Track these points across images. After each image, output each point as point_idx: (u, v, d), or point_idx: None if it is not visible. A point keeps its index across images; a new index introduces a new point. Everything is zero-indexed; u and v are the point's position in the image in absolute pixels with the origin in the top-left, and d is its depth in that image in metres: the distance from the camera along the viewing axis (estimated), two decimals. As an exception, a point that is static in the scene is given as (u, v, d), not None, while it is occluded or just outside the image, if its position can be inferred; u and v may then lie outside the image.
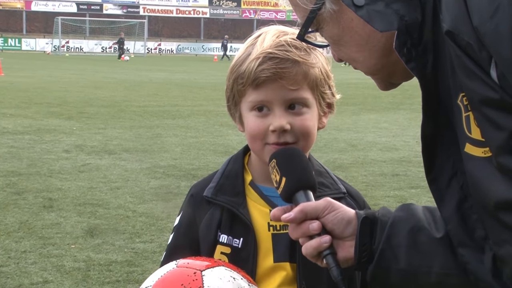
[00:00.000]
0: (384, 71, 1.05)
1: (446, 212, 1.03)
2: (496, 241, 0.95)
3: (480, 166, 0.94)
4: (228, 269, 1.16)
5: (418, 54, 0.99)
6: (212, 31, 64.11)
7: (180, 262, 1.17)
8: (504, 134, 0.88)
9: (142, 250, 4.53)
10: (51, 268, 4.15)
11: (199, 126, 10.59)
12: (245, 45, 1.34)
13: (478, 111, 0.91)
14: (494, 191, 0.91)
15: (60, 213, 5.38)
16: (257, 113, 1.30)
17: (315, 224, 1.10)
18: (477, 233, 1.00)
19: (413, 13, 0.98)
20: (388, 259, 1.09)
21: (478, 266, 1.01)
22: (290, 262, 1.31)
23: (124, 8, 59.93)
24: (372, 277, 1.11)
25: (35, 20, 59.11)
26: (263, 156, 1.31)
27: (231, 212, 1.33)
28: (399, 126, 10.81)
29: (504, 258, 0.94)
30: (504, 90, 0.87)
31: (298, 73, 1.28)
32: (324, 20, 1.03)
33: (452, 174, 1.02)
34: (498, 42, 0.84)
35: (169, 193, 6.11)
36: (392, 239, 1.09)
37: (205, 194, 1.35)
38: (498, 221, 0.92)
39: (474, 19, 0.87)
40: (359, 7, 0.97)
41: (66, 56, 45.80)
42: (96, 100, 14.39)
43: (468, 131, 0.95)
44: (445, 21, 0.91)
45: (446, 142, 1.02)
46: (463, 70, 0.91)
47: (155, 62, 37.50)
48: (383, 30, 0.97)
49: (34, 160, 7.48)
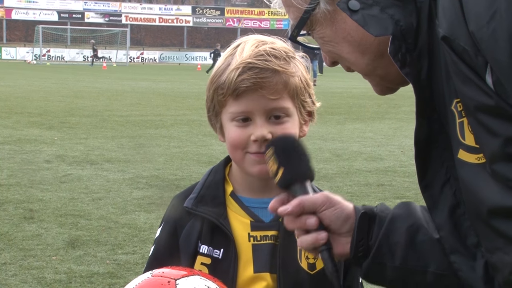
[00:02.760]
0: (377, 72, 1.04)
1: (438, 219, 1.03)
2: (488, 248, 0.95)
3: (473, 172, 0.93)
4: (203, 278, 1.17)
5: (413, 60, 0.99)
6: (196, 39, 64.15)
7: (155, 271, 1.18)
8: (498, 140, 0.87)
9: (124, 261, 4.48)
10: (31, 280, 4.09)
11: (183, 136, 10.55)
12: (224, 55, 1.35)
13: (473, 117, 0.91)
14: (487, 198, 0.91)
15: (41, 224, 5.31)
16: (238, 123, 1.30)
17: (312, 220, 1.09)
18: (469, 240, 1.00)
19: (408, 18, 0.98)
20: (384, 256, 1.08)
21: (470, 273, 1.00)
22: (270, 272, 1.31)
23: (106, 17, 59.73)
24: (367, 273, 1.11)
25: (15, 28, 58.63)
26: (243, 165, 1.32)
27: (211, 223, 1.33)
28: (384, 135, 10.87)
29: (496, 265, 0.94)
30: (499, 96, 0.86)
31: (278, 83, 1.28)
32: (317, 20, 1.03)
33: (445, 180, 1.02)
34: (494, 47, 0.84)
35: (152, 204, 6.07)
36: (389, 236, 1.09)
37: (186, 205, 1.36)
38: (490, 228, 0.92)
39: (471, 24, 0.87)
40: (354, 11, 0.97)
41: (47, 65, 45.45)
42: (77, 110, 14.28)
43: (462, 137, 0.95)
44: (441, 26, 0.91)
45: (439, 148, 1.01)
46: (458, 76, 0.91)
47: (137, 71, 37.36)
48: (378, 34, 0.97)
49: (14, 171, 7.39)
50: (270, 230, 1.33)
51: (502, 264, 0.92)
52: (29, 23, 56.74)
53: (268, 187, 1.35)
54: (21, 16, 57.47)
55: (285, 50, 1.32)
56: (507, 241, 0.90)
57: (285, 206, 1.10)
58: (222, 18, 62.75)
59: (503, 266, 0.92)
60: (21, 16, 57.47)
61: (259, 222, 1.34)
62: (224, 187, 1.36)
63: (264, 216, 1.34)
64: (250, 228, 1.32)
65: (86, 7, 59.16)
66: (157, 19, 61.60)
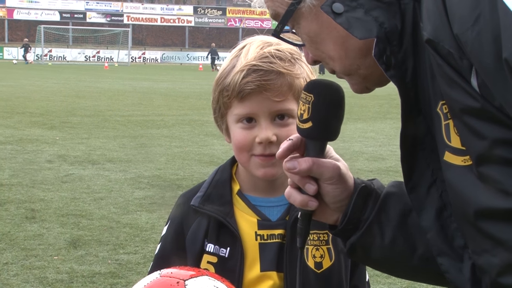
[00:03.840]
0: (360, 72, 1.03)
1: (425, 221, 1.02)
2: (475, 250, 0.95)
3: (459, 174, 0.93)
4: (211, 278, 1.17)
5: (397, 62, 0.98)
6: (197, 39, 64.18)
7: (163, 271, 1.18)
8: (485, 143, 0.87)
9: (126, 261, 4.48)
10: (33, 280, 4.09)
11: (184, 136, 10.56)
12: (229, 57, 1.35)
13: (459, 119, 0.91)
14: (473, 200, 0.91)
15: (43, 224, 5.31)
16: (243, 125, 1.30)
17: (312, 187, 1.04)
18: (456, 242, 1.00)
19: (392, 20, 0.97)
20: (374, 234, 1.07)
21: (457, 275, 1.00)
22: (277, 271, 1.31)
23: (107, 17, 59.77)
24: (352, 247, 1.09)
25: (17, 28, 58.70)
26: (249, 168, 1.32)
27: (218, 221, 1.33)
28: (385, 135, 10.87)
29: (483, 267, 0.94)
30: (485, 99, 0.86)
31: (283, 85, 1.28)
32: (302, 15, 1.02)
33: (431, 182, 1.01)
34: (479, 50, 0.84)
35: (153, 204, 6.07)
36: (381, 214, 1.07)
37: (192, 203, 1.36)
38: (477, 230, 0.92)
39: (455, 27, 0.86)
40: (338, 14, 0.97)
41: (49, 65, 45.50)
42: (79, 110, 14.29)
43: (448, 140, 0.94)
44: (426, 29, 0.91)
45: (426, 150, 1.01)
46: (444, 79, 0.91)
47: (139, 71, 37.40)
48: (362, 37, 0.97)
49: (16, 171, 7.39)
50: (277, 229, 1.33)
51: (489, 266, 0.92)
52: (31, 23, 56.80)
53: (274, 187, 1.35)
54: (22, 16, 57.53)
55: (290, 52, 1.31)
56: (494, 243, 0.90)
57: (293, 163, 1.04)
58: (224, 18, 62.77)
59: (490, 268, 0.92)
60: (22, 16, 57.53)
61: (266, 220, 1.34)
62: (231, 186, 1.37)
63: (271, 215, 1.34)
64: (257, 226, 1.32)
65: (88, 7, 59.20)
66: (159, 19, 61.64)
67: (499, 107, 0.85)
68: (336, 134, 1.05)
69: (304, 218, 1.07)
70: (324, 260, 1.32)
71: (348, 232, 1.09)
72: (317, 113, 1.02)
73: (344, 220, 1.08)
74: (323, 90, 1.03)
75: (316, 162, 1.04)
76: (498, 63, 0.82)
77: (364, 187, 1.09)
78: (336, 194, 1.07)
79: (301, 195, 1.05)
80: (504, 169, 0.86)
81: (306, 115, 1.03)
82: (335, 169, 1.06)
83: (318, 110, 1.02)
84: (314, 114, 1.02)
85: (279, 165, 1.29)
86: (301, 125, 1.04)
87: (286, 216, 1.34)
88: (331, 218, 1.10)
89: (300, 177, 1.05)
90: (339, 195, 1.08)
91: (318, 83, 1.04)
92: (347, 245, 1.09)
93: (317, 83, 1.05)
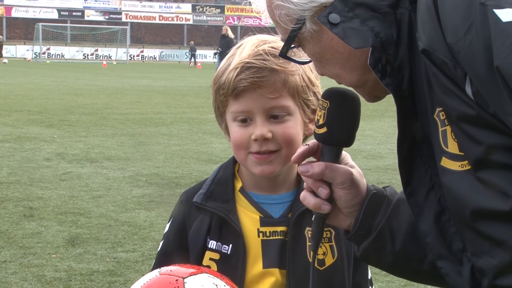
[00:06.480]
0: (368, 85, 1.07)
1: (424, 226, 1.04)
2: (474, 252, 0.96)
3: (456, 179, 0.95)
4: (211, 276, 1.17)
5: (393, 70, 1.00)
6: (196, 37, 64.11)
7: (163, 269, 1.18)
8: (482, 148, 0.89)
9: (125, 259, 4.48)
10: (31, 278, 4.09)
11: (182, 134, 10.55)
12: (227, 56, 1.37)
13: (456, 126, 0.93)
14: (470, 200, 0.92)
15: (41, 222, 5.31)
16: (240, 123, 1.31)
17: (325, 191, 1.10)
18: (455, 246, 1.01)
19: (388, 30, 0.99)
20: (385, 239, 1.10)
21: (457, 278, 1.01)
22: (280, 268, 1.31)
23: (106, 15, 59.68)
24: (365, 252, 1.12)
25: (15, 26, 58.60)
26: (247, 165, 1.33)
27: (220, 218, 1.34)
28: (384, 133, 10.87)
29: (483, 269, 0.95)
30: (479, 106, 0.88)
31: (276, 81, 1.29)
32: (305, 38, 1.05)
33: (429, 188, 1.03)
34: (472, 59, 0.86)
35: (151, 202, 6.07)
36: (392, 220, 1.10)
37: (195, 200, 1.36)
38: (475, 232, 0.93)
39: (448, 37, 0.88)
40: (335, 24, 0.99)
41: (47, 63, 45.45)
42: (77, 108, 14.28)
43: (445, 145, 0.96)
44: (421, 39, 0.93)
45: (423, 156, 1.03)
46: (440, 87, 0.93)
47: (137, 69, 37.36)
48: (358, 47, 0.99)
49: (14, 169, 7.38)
50: (280, 226, 1.33)
51: (488, 268, 0.93)
52: (29, 20, 56.69)
53: (277, 184, 1.35)
54: (21, 14, 57.41)
55: None
56: (492, 244, 0.91)
57: (307, 167, 1.09)
58: (222, 16, 62.71)
59: (490, 269, 0.93)
60: (21, 14, 57.42)
61: (268, 217, 1.34)
62: (234, 183, 1.37)
63: (274, 212, 1.35)
64: (259, 223, 1.33)
65: (86, 5, 59.08)
66: (157, 17, 61.56)
67: (494, 114, 0.87)
68: (351, 140, 1.10)
69: (318, 221, 1.12)
70: (327, 258, 1.33)
71: (360, 237, 1.12)
72: (331, 119, 1.08)
73: (356, 226, 1.11)
74: (339, 97, 1.09)
75: (329, 166, 1.09)
76: (490, 72, 0.84)
77: (375, 193, 1.12)
78: (348, 199, 1.11)
79: (314, 198, 1.10)
80: (502, 173, 0.88)
81: (322, 121, 1.09)
82: (347, 174, 1.11)
83: (333, 117, 1.08)
84: (329, 120, 1.08)
85: (277, 163, 1.30)
86: (317, 130, 1.10)
87: (289, 213, 1.34)
88: (345, 223, 1.13)
89: (313, 180, 1.09)
90: (351, 200, 1.11)
91: (336, 91, 1.10)
92: (359, 250, 1.13)
93: (334, 91, 1.10)
